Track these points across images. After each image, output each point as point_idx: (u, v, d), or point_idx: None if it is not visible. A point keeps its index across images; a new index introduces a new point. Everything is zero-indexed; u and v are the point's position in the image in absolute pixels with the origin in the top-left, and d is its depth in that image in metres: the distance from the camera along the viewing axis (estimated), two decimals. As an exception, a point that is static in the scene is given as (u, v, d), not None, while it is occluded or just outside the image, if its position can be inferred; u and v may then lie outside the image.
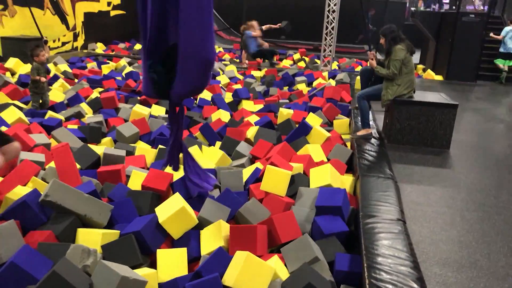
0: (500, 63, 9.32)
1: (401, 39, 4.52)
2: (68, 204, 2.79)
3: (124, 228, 2.89)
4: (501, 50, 9.31)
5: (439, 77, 9.75)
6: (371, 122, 5.09)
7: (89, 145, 4.24)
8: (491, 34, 9.49)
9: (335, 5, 10.14)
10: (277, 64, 10.61)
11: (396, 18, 16.38)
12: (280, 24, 10.82)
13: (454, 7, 11.19)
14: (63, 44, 10.66)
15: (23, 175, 3.30)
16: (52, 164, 3.60)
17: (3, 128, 4.47)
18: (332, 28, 10.30)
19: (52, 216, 2.83)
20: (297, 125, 5.27)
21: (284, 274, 2.55)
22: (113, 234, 2.82)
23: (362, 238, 2.64)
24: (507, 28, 9.23)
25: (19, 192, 3.02)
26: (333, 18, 10.25)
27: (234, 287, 2.30)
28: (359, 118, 4.97)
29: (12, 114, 4.84)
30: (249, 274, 2.32)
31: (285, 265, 2.66)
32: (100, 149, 4.22)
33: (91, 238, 2.72)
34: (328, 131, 5.07)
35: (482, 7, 10.70)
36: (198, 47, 2.69)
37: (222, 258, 2.54)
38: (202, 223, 3.00)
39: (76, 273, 2.19)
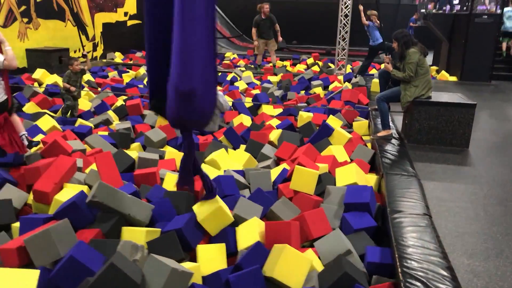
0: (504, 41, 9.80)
1: (413, 43, 4.66)
2: (114, 204, 2.98)
3: (165, 226, 3.08)
4: (501, 29, 9.61)
5: (453, 78, 9.83)
6: (390, 123, 5.24)
7: (121, 150, 4.45)
8: None
9: (348, 10, 10.30)
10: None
11: (407, 20, 16.52)
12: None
13: (465, 8, 11.28)
14: (74, 52, 10.96)
15: (59, 170, 3.49)
16: (91, 167, 3.81)
17: (40, 136, 4.71)
18: (346, 32, 10.45)
19: (98, 216, 3.03)
20: (317, 128, 5.44)
21: (319, 267, 2.72)
22: (155, 232, 3.00)
23: (392, 231, 2.80)
24: (507, 9, 9.52)
25: (66, 193, 3.23)
26: (346, 22, 10.41)
27: (274, 277, 2.46)
28: (379, 119, 5.12)
29: (47, 122, 5.08)
30: (288, 265, 2.49)
31: (319, 258, 2.82)
32: (133, 153, 4.42)
33: (135, 236, 2.91)
34: (348, 132, 5.23)
35: (493, 8, 10.76)
36: (177, 73, 2.37)
37: (260, 251, 2.71)
38: (237, 221, 3.17)
39: (130, 266, 2.37)
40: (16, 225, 3.04)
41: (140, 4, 13.44)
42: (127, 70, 10.26)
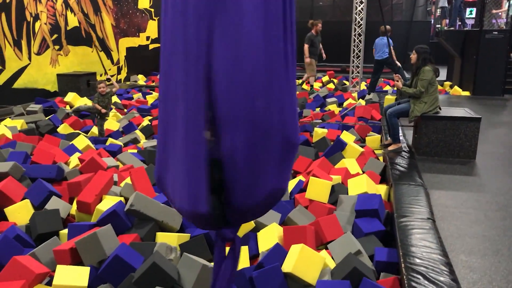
0: None
1: (430, 61, 4.99)
2: (149, 212, 3.38)
3: (194, 231, 3.45)
4: None
5: (466, 93, 10.06)
6: (401, 137, 5.54)
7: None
8: None
9: (361, 29, 10.70)
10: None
11: (420, 37, 16.82)
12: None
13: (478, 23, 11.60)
14: (101, 75, 11.58)
15: (99, 183, 3.91)
16: (126, 181, 4.23)
17: (77, 154, 5.17)
18: (359, 51, 10.84)
19: (135, 222, 3.42)
20: (331, 143, 5.78)
21: (332, 265, 3.04)
22: (185, 236, 3.38)
23: (397, 233, 3.11)
24: None
25: (106, 204, 3.64)
26: (360, 41, 10.80)
27: (292, 272, 2.80)
28: (389, 133, 5.43)
29: (82, 142, 5.56)
30: (304, 262, 2.82)
31: (332, 258, 3.15)
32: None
33: (168, 240, 3.29)
34: (361, 147, 5.55)
35: (503, 24, 11.04)
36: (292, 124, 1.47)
37: (279, 252, 3.05)
38: (258, 226, 3.53)
39: (168, 264, 2.75)
40: (64, 232, 3.46)
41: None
42: (150, 91, 10.80)
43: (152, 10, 13.69)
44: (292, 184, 4.37)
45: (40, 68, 9.15)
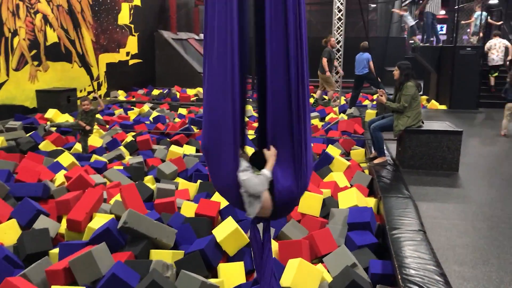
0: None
1: (413, 77, 5.14)
2: (142, 229, 3.34)
3: (188, 248, 3.43)
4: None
5: (443, 107, 10.36)
6: (385, 151, 5.65)
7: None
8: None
9: (340, 45, 10.94)
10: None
11: (396, 52, 17.29)
12: None
13: (451, 39, 12.01)
14: (88, 93, 11.44)
15: (89, 201, 3.86)
16: (115, 198, 4.18)
17: (63, 172, 5.08)
18: (339, 66, 11.06)
19: (128, 240, 3.38)
20: (317, 156, 5.86)
21: (328, 278, 3.07)
22: (179, 254, 3.36)
23: (391, 245, 3.17)
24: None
25: (97, 222, 3.59)
26: (339, 56, 11.03)
27: (291, 287, 2.81)
28: (374, 147, 5.54)
29: (67, 159, 5.47)
30: (302, 276, 2.84)
31: (328, 271, 3.17)
32: (148, 185, 4.80)
33: (163, 257, 3.25)
34: (347, 160, 5.63)
35: (475, 41, 11.50)
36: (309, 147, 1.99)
37: (276, 266, 3.05)
38: (252, 242, 3.52)
39: (166, 281, 2.72)
40: (54, 251, 3.38)
41: (141, 44, 14.09)
42: (132, 107, 10.73)
43: (132, 26, 13.68)
44: (282, 198, 4.39)
45: (19, 84, 8.99)
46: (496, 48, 10.66)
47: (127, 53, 13.61)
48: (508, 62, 10.60)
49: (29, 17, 9.25)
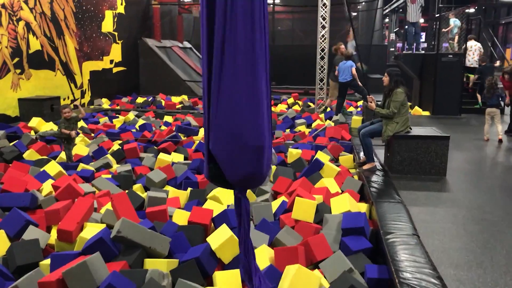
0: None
1: (402, 83, 5.21)
2: (136, 238, 3.29)
3: (182, 256, 3.39)
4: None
5: (426, 113, 10.53)
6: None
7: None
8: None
9: (324, 52, 11.05)
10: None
11: (379, 59, 17.57)
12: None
13: (431, 46, 12.28)
14: (72, 101, 11.29)
15: (80, 210, 3.78)
16: (106, 207, 4.11)
17: (50, 181, 4.98)
18: (322, 72, 11.16)
19: (122, 249, 3.32)
20: (307, 162, 5.88)
21: (326, 284, 3.06)
22: (174, 262, 3.31)
23: (387, 250, 3.18)
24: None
25: (89, 231, 3.52)
26: (323, 64, 11.14)
27: (290, 294, 2.80)
28: (363, 153, 5.59)
29: (54, 168, 5.36)
30: (300, 282, 2.83)
31: (325, 277, 3.17)
32: (140, 193, 4.74)
33: (157, 266, 3.21)
34: (336, 166, 5.66)
35: (455, 46, 11.85)
36: (240, 129, 2.10)
37: (273, 273, 3.05)
38: (247, 249, 3.50)
39: (163, 290, 2.68)
40: (45, 262, 3.30)
41: (125, 51, 14.00)
42: (116, 115, 10.61)
43: (116, 33, 13.56)
44: (275, 204, 4.39)
45: (1, 92, 8.82)
46: (472, 50, 11.02)
47: (111, 61, 13.48)
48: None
49: (11, 25, 9.10)
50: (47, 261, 3.29)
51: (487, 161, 6.22)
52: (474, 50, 11.10)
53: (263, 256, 3.32)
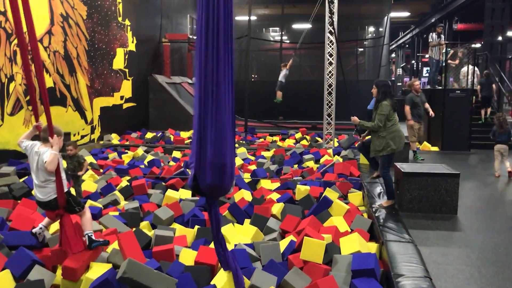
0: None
1: (390, 95, 5.18)
2: (142, 279, 3.25)
3: (189, 299, 3.32)
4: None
5: (435, 148, 10.48)
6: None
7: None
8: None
9: (331, 88, 11.14)
10: None
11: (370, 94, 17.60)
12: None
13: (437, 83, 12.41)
14: (82, 137, 11.42)
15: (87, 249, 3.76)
16: (112, 246, 4.07)
17: (57, 218, 4.96)
18: (329, 107, 11.22)
19: (127, 291, 3.27)
20: (315, 200, 5.82)
21: (336, 329, 2.97)
22: (180, 305, 3.25)
23: (398, 293, 3.10)
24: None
25: (95, 272, 3.48)
26: (331, 99, 11.21)
27: None
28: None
29: (62, 205, 5.35)
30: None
31: (335, 322, 3.08)
32: (147, 231, 4.70)
33: (163, 309, 3.15)
34: (345, 203, 5.60)
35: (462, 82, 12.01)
36: (210, 151, 2.96)
37: (282, 318, 2.97)
38: (255, 291, 3.43)
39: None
40: (50, 304, 3.25)
41: (135, 87, 14.24)
42: (126, 151, 10.69)
43: (127, 70, 13.85)
44: (283, 244, 4.32)
45: (13, 129, 8.95)
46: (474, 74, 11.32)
47: (121, 97, 13.70)
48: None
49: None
50: (52, 303, 3.24)
51: (498, 198, 6.11)
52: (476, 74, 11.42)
53: (271, 299, 3.24)
